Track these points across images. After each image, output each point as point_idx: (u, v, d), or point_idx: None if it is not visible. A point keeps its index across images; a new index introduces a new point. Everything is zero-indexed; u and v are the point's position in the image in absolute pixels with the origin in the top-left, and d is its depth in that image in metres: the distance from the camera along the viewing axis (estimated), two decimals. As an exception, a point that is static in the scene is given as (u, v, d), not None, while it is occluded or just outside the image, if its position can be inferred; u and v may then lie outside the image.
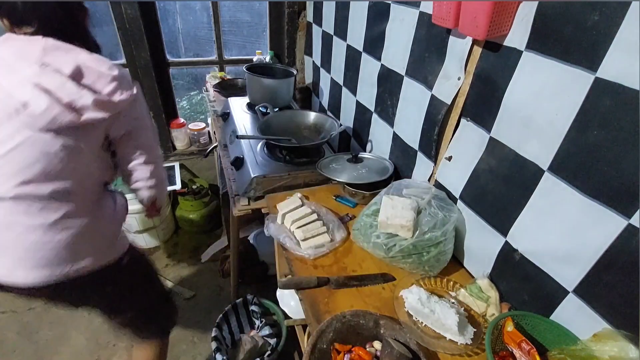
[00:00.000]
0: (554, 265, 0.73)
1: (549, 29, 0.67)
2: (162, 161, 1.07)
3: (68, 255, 0.88)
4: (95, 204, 0.94)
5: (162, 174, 1.06)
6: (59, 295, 0.97)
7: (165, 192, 1.11)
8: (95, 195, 0.94)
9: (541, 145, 0.72)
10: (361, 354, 0.74)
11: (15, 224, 0.83)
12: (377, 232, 0.98)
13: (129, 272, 1.05)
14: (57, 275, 0.87)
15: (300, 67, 2.25)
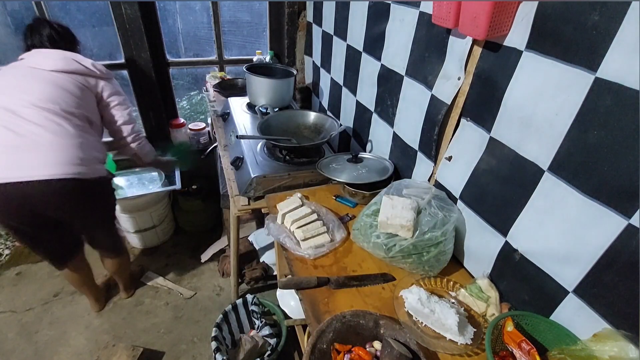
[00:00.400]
0: (554, 265, 0.73)
1: (549, 29, 0.67)
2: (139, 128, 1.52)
3: (81, 160, 1.20)
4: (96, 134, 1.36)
5: (141, 133, 1.49)
6: (67, 193, 1.21)
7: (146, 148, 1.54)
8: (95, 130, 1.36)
9: (541, 145, 0.72)
10: (361, 354, 0.74)
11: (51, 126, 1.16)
12: (377, 232, 0.98)
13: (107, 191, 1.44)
14: (73, 172, 1.17)
15: (300, 67, 2.25)
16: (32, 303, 1.87)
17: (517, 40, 0.74)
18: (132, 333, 1.75)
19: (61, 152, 1.15)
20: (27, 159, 1.11)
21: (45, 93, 1.18)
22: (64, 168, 1.14)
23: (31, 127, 1.12)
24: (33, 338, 1.70)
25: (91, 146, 1.27)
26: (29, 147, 1.11)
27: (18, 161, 1.10)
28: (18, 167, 1.09)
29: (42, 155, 1.12)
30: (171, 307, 1.89)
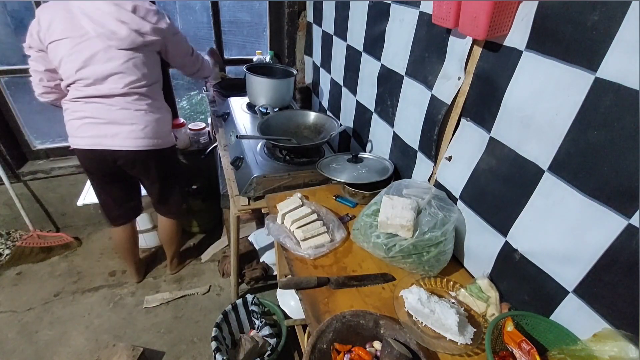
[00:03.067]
0: (554, 265, 0.73)
1: (549, 29, 0.67)
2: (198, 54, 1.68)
3: (155, 133, 1.50)
4: (162, 105, 1.57)
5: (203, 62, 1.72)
6: (144, 161, 1.53)
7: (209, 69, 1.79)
8: (161, 97, 1.57)
9: (541, 145, 0.72)
10: (361, 354, 0.74)
11: (127, 108, 1.41)
12: (377, 232, 0.98)
13: (170, 158, 1.67)
14: (151, 144, 1.49)
15: (300, 67, 2.24)
16: (32, 303, 1.87)
17: (517, 40, 0.74)
18: (132, 333, 1.75)
19: (143, 130, 1.46)
20: (120, 133, 1.43)
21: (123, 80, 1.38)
22: (145, 142, 1.47)
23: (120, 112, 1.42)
24: (33, 338, 1.70)
25: (165, 121, 1.57)
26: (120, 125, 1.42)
27: (112, 134, 1.42)
28: (112, 138, 1.43)
29: (130, 131, 1.43)
30: (171, 307, 1.89)
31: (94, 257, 2.18)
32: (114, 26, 1.29)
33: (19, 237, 2.15)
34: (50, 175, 2.12)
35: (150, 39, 1.36)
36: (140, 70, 1.40)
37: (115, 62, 1.35)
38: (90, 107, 1.39)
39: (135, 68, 1.38)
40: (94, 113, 1.39)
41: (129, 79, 1.38)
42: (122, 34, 1.30)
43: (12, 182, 1.99)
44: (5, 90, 1.90)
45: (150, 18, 1.35)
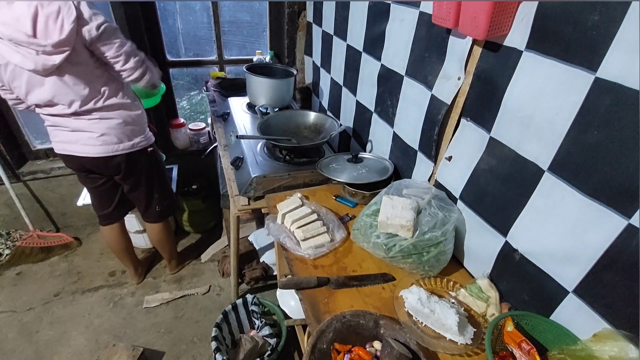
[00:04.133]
0: (554, 265, 0.73)
1: (549, 29, 0.67)
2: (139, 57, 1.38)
3: (117, 137, 1.43)
4: (124, 105, 1.43)
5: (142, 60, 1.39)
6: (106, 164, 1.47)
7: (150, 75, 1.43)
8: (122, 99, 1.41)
9: (541, 145, 0.72)
10: (361, 354, 0.74)
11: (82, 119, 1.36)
12: (377, 232, 0.98)
13: (152, 160, 1.60)
14: (111, 150, 1.43)
15: (300, 67, 2.25)
16: (32, 303, 1.87)
17: (517, 40, 0.74)
18: (132, 333, 1.75)
19: (99, 137, 1.41)
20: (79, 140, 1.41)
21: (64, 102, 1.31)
22: (103, 148, 1.43)
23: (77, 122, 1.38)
24: (33, 338, 1.70)
25: (129, 123, 1.46)
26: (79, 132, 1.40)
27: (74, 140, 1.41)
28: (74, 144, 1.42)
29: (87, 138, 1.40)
30: (171, 307, 1.89)
31: (93, 257, 2.18)
32: (19, 58, 1.15)
33: (19, 237, 2.15)
34: (50, 175, 2.12)
35: (60, 57, 1.18)
36: (75, 89, 1.28)
37: (46, 89, 1.26)
38: (53, 118, 1.37)
39: (68, 88, 1.27)
40: (56, 122, 1.38)
41: (66, 99, 1.29)
42: (29, 66, 1.16)
43: (12, 182, 1.99)
44: (5, 90, 1.90)
45: (54, 28, 1.14)
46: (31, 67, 1.17)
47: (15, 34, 1.12)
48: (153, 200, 1.71)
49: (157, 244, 1.92)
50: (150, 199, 1.70)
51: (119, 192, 1.69)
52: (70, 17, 1.14)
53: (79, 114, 1.35)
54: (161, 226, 1.83)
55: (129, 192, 1.66)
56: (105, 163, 1.47)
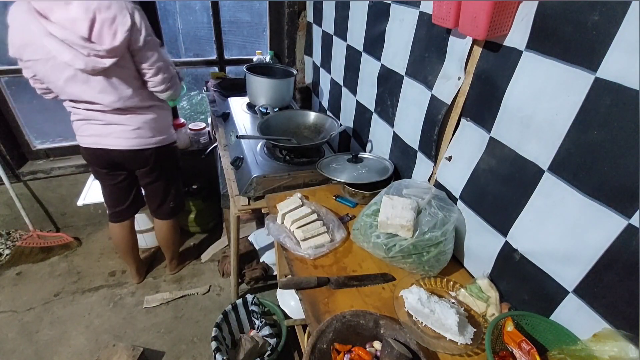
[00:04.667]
0: (554, 265, 0.73)
1: (549, 29, 0.67)
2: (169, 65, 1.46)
3: (149, 132, 1.50)
4: (155, 103, 1.50)
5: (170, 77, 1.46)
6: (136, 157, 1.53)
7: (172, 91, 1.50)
8: (153, 97, 1.48)
9: (541, 145, 0.72)
10: (361, 354, 0.74)
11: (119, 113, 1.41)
12: (377, 232, 0.98)
13: (171, 156, 1.67)
14: (144, 143, 1.50)
15: (300, 67, 2.25)
16: (32, 303, 1.87)
17: (517, 40, 0.74)
18: (132, 333, 1.75)
19: (134, 130, 1.46)
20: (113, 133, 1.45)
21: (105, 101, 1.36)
22: (137, 141, 1.49)
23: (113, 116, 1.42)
24: (33, 338, 1.70)
25: (160, 119, 1.54)
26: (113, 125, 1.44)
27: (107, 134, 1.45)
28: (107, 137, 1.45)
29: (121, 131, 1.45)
30: (171, 307, 1.89)
31: (94, 257, 2.18)
32: (70, 57, 1.20)
33: (19, 237, 2.15)
34: (50, 175, 2.12)
35: (110, 61, 1.24)
36: (118, 88, 1.34)
37: (92, 88, 1.31)
38: (86, 112, 1.40)
39: (113, 88, 1.33)
40: (89, 116, 1.41)
41: (111, 99, 1.35)
42: (79, 65, 1.22)
43: (12, 182, 1.99)
44: (6, 90, 1.90)
45: (107, 36, 1.20)
46: (81, 66, 1.22)
47: (70, 36, 1.17)
48: (169, 196, 1.76)
49: (163, 242, 1.92)
50: (167, 194, 1.74)
51: (135, 190, 1.74)
52: (124, 26, 1.21)
53: (116, 110, 1.40)
54: (171, 223, 1.85)
55: (149, 186, 1.69)
56: (136, 156, 1.52)
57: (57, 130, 2.16)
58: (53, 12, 1.17)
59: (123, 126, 1.44)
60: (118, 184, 1.65)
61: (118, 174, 1.62)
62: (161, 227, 1.85)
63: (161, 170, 1.65)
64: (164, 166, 1.64)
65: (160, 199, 1.75)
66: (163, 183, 1.70)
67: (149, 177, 1.65)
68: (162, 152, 1.58)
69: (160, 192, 1.73)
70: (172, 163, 1.70)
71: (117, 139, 1.45)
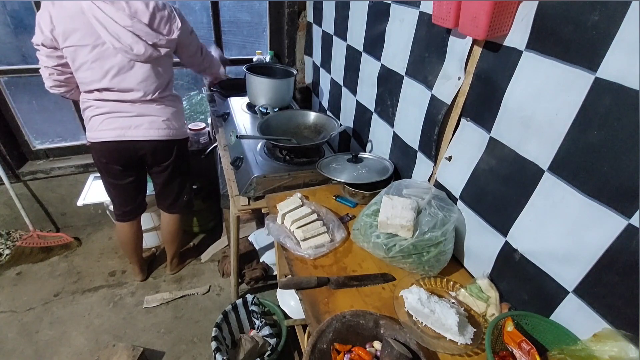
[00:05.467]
0: (554, 265, 0.73)
1: (549, 29, 0.67)
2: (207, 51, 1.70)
3: (174, 123, 1.56)
4: (177, 97, 1.62)
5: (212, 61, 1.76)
6: (163, 149, 1.58)
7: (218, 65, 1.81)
8: (174, 93, 1.60)
9: (541, 145, 0.72)
10: (361, 354, 0.74)
11: (149, 105, 1.48)
12: (377, 232, 0.98)
13: (187, 149, 1.74)
14: (172, 134, 1.55)
15: (300, 67, 2.24)
16: (32, 303, 1.87)
17: (517, 40, 0.74)
18: (132, 333, 1.75)
19: (164, 121, 1.52)
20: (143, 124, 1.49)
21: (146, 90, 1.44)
22: (166, 132, 1.54)
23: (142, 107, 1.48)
24: (33, 338, 1.70)
25: (181, 112, 1.63)
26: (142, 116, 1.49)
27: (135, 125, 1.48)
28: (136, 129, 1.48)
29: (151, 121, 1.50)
30: (171, 307, 1.89)
31: (93, 257, 2.18)
32: (131, 42, 1.31)
33: (19, 237, 2.14)
34: (50, 175, 2.12)
35: (166, 50, 1.41)
36: (160, 77, 1.46)
37: (137, 76, 1.39)
38: (114, 104, 1.43)
39: (156, 77, 1.44)
40: (117, 108, 1.44)
41: (151, 88, 1.44)
42: (139, 51, 1.33)
43: (12, 182, 1.99)
44: (5, 90, 1.90)
45: (165, 28, 1.38)
46: (140, 51, 1.33)
47: (136, 24, 1.30)
48: (185, 189, 1.80)
49: (169, 237, 1.92)
50: (183, 186, 1.79)
51: (144, 189, 1.78)
52: (176, 23, 1.41)
53: (150, 100, 1.47)
54: (179, 218, 1.88)
55: (168, 180, 1.71)
56: (164, 147, 1.56)
57: (57, 131, 2.16)
58: (116, 2, 1.27)
59: (154, 117, 1.49)
60: (129, 183, 1.66)
61: (131, 173, 1.63)
62: (169, 222, 1.87)
63: (181, 164, 1.69)
64: (182, 160, 1.69)
65: (176, 192, 1.77)
66: (181, 177, 1.74)
67: (169, 171, 1.67)
68: (182, 145, 1.65)
69: (178, 186, 1.76)
70: (188, 157, 1.75)
71: (148, 129, 1.49)
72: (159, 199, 1.81)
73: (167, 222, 1.87)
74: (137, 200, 1.75)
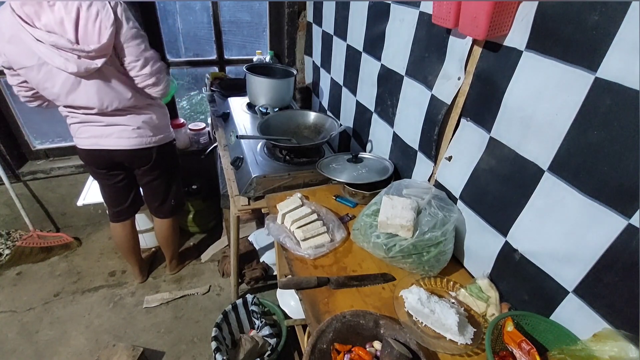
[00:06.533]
0: (554, 265, 0.73)
1: (549, 29, 0.67)
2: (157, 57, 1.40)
3: (150, 131, 1.50)
4: (152, 102, 1.51)
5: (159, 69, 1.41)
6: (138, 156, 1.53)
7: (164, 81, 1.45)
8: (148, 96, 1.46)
9: (541, 145, 0.72)
10: (361, 354, 0.74)
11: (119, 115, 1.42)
12: (377, 232, 0.98)
13: (170, 154, 1.67)
14: (145, 142, 1.50)
15: (300, 67, 2.25)
16: (32, 303, 1.87)
17: (517, 40, 0.74)
18: (132, 333, 1.75)
19: (135, 130, 1.47)
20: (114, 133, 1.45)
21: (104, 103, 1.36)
22: (138, 140, 1.49)
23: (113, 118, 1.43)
24: (33, 338, 1.70)
25: (158, 118, 1.54)
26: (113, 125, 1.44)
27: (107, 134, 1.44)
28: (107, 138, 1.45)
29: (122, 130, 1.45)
30: (171, 307, 1.89)
31: (94, 257, 2.18)
32: (62, 61, 1.19)
33: (19, 237, 2.14)
34: (50, 175, 2.12)
35: (101, 60, 1.23)
36: (115, 89, 1.34)
37: (87, 92, 1.30)
38: (84, 116, 1.40)
39: (110, 89, 1.33)
40: (88, 119, 1.41)
41: (107, 101, 1.34)
42: (73, 69, 1.21)
43: (12, 182, 1.99)
44: (5, 90, 1.90)
45: (93, 35, 1.18)
46: (74, 69, 1.21)
47: (59, 40, 1.16)
48: (170, 193, 1.76)
49: (164, 241, 1.92)
50: (168, 191, 1.75)
51: (135, 189, 1.75)
52: (108, 21, 1.18)
53: (116, 111, 1.39)
54: (171, 222, 1.85)
55: (149, 184, 1.69)
56: (138, 155, 1.52)
57: (57, 131, 2.16)
58: (39, 17, 1.15)
59: (124, 126, 1.44)
60: (117, 183, 1.65)
61: (117, 173, 1.62)
62: (161, 226, 1.85)
63: (162, 168, 1.65)
64: (164, 164, 1.65)
65: (161, 197, 1.75)
66: (164, 181, 1.70)
67: (149, 176, 1.65)
68: (163, 150, 1.59)
69: (162, 190, 1.73)
70: (173, 161, 1.71)
71: (118, 139, 1.45)
72: (147, 202, 1.81)
73: (159, 226, 1.86)
74: (127, 200, 1.74)
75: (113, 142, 1.45)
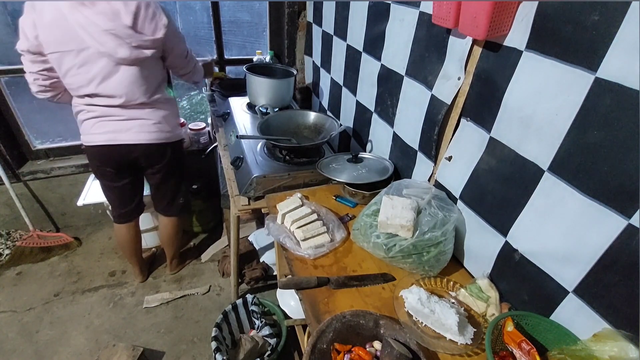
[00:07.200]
0: (554, 265, 0.73)
1: (549, 29, 0.67)
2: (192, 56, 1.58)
3: (166, 126, 1.53)
4: (169, 99, 1.56)
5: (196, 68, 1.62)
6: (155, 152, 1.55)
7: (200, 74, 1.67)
8: (166, 92, 1.54)
9: (541, 145, 0.72)
10: (361, 354, 0.74)
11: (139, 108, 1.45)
12: (377, 232, 0.98)
13: (181, 152, 1.71)
14: (163, 137, 1.53)
15: (300, 67, 2.24)
16: (32, 303, 1.87)
17: (517, 40, 0.74)
18: (132, 333, 1.75)
19: (155, 124, 1.50)
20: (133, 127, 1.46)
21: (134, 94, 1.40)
22: (157, 135, 1.51)
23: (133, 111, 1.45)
24: (33, 338, 1.70)
25: (174, 115, 1.60)
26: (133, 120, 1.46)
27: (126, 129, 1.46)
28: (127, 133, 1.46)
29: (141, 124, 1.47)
30: (171, 307, 1.89)
31: (94, 257, 2.19)
32: (114, 45, 1.26)
33: (19, 237, 2.14)
34: (50, 175, 2.12)
35: (151, 51, 1.35)
36: (148, 80, 1.41)
37: (123, 79, 1.35)
38: (104, 109, 1.41)
39: (144, 80, 1.39)
40: (107, 112, 1.42)
41: (139, 92, 1.40)
42: (123, 54, 1.28)
43: (12, 182, 1.99)
44: (5, 90, 1.90)
45: (149, 28, 1.30)
46: (125, 55, 1.28)
47: (117, 26, 1.24)
48: (179, 192, 1.78)
49: (167, 240, 1.92)
50: (177, 189, 1.77)
51: (140, 190, 1.77)
52: (162, 22, 1.33)
53: (140, 104, 1.43)
54: (176, 221, 1.86)
55: (161, 183, 1.69)
56: (155, 150, 1.54)
57: (57, 130, 2.16)
58: (96, 3, 1.22)
59: (144, 120, 1.46)
60: (125, 184, 1.65)
61: (125, 174, 1.62)
62: (167, 224, 1.86)
63: (174, 166, 1.67)
64: (176, 162, 1.66)
65: (171, 195, 1.76)
66: (175, 179, 1.72)
67: (162, 173, 1.65)
68: (176, 148, 1.62)
69: (172, 189, 1.74)
70: (182, 159, 1.72)
71: (138, 133, 1.46)
72: (155, 201, 1.81)
73: (165, 225, 1.86)
74: (133, 201, 1.74)
75: (133, 136, 1.46)
